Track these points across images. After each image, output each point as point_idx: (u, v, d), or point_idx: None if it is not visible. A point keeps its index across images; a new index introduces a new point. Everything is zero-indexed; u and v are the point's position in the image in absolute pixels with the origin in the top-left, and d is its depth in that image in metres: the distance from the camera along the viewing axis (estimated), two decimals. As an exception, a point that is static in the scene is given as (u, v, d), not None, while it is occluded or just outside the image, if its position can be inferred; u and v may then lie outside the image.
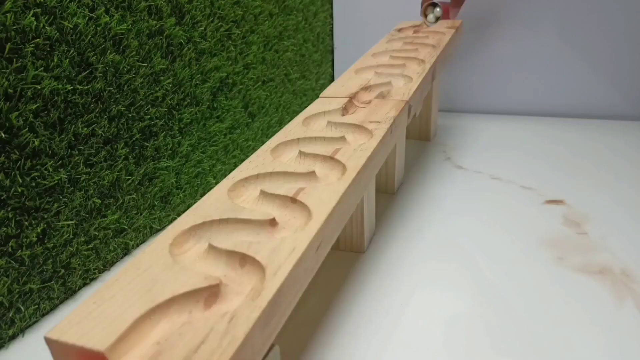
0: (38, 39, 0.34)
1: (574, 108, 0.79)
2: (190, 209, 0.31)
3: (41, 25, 0.34)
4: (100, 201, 0.42)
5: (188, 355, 0.20)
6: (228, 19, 0.56)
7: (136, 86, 0.44)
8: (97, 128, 0.40)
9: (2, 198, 0.33)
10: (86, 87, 0.39)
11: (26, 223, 0.35)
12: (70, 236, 0.39)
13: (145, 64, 0.44)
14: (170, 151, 0.49)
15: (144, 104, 0.45)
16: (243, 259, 0.27)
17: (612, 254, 0.42)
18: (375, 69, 0.57)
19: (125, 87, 0.42)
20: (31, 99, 0.34)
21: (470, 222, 0.48)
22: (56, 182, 0.37)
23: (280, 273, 0.25)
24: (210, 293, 0.24)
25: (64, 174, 0.38)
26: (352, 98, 0.48)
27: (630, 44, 0.73)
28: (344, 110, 0.46)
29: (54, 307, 0.39)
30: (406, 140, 0.68)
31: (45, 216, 0.37)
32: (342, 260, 0.43)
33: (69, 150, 0.38)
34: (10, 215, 0.34)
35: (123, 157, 0.43)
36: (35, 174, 0.35)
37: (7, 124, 0.33)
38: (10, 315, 0.36)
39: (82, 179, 0.39)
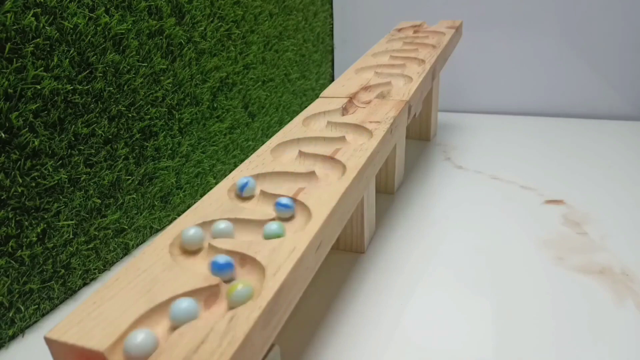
0: (38, 39, 0.34)
1: (574, 108, 0.79)
2: (190, 209, 0.31)
3: (41, 25, 0.34)
4: (100, 201, 0.42)
5: (188, 355, 0.20)
6: (228, 19, 0.56)
7: (136, 86, 0.44)
8: (97, 128, 0.40)
9: (2, 198, 0.33)
10: (86, 87, 0.39)
11: (26, 223, 0.35)
12: (70, 236, 0.39)
13: (145, 64, 0.44)
14: (170, 151, 0.49)
15: (144, 104, 0.45)
16: (243, 259, 0.27)
17: (612, 254, 0.42)
18: (375, 69, 0.57)
19: (125, 87, 0.42)
20: (31, 99, 0.34)
21: (470, 222, 0.48)
22: (56, 182, 0.37)
23: (280, 273, 0.25)
24: (210, 293, 0.24)
25: (64, 174, 0.38)
26: (352, 98, 0.48)
27: (631, 44, 0.73)
28: (344, 110, 0.46)
29: (54, 307, 0.39)
30: (406, 140, 0.68)
31: (45, 216, 0.37)
32: (342, 260, 0.43)
33: (69, 150, 0.38)
34: (10, 215, 0.34)
35: (123, 157, 0.43)
36: (35, 174, 0.35)
37: (7, 124, 0.33)
38: (10, 315, 0.36)
39: (82, 179, 0.39)
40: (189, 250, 0.28)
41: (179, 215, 0.52)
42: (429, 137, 0.69)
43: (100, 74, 0.40)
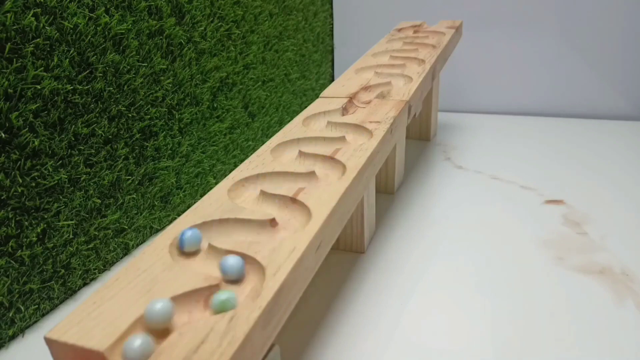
0: (38, 39, 0.34)
1: (574, 108, 0.79)
2: (190, 209, 0.31)
3: (41, 25, 0.34)
4: (100, 201, 0.42)
5: (188, 355, 0.20)
6: (228, 19, 0.56)
7: (136, 86, 0.44)
8: (97, 128, 0.40)
9: (2, 198, 0.33)
10: (86, 87, 0.39)
11: (26, 223, 0.35)
12: (70, 236, 0.39)
13: (145, 64, 0.44)
14: (170, 151, 0.49)
15: (144, 104, 0.45)
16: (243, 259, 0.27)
17: (612, 254, 0.42)
18: (375, 69, 0.57)
19: (125, 87, 0.42)
20: (31, 99, 0.34)
21: (470, 222, 0.48)
22: (56, 182, 0.37)
23: (280, 273, 0.25)
24: (210, 293, 0.24)
25: (64, 174, 0.38)
26: (352, 98, 0.48)
27: (630, 44, 0.73)
28: (344, 110, 0.46)
29: (54, 307, 0.39)
30: (406, 140, 0.68)
31: (45, 216, 0.37)
32: (342, 260, 0.43)
33: (69, 150, 0.38)
34: (10, 215, 0.34)
35: (123, 157, 0.43)
36: (35, 174, 0.35)
37: (7, 124, 0.33)
38: (10, 315, 0.36)
39: (82, 179, 0.39)
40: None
41: (179, 215, 0.52)
42: (429, 137, 0.69)
43: (100, 74, 0.40)
